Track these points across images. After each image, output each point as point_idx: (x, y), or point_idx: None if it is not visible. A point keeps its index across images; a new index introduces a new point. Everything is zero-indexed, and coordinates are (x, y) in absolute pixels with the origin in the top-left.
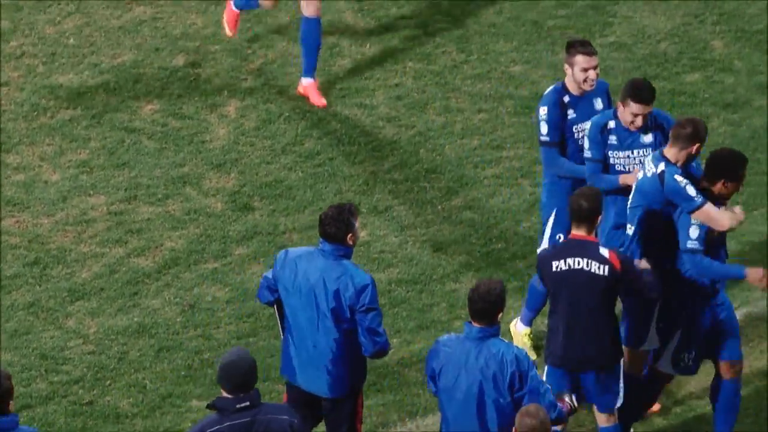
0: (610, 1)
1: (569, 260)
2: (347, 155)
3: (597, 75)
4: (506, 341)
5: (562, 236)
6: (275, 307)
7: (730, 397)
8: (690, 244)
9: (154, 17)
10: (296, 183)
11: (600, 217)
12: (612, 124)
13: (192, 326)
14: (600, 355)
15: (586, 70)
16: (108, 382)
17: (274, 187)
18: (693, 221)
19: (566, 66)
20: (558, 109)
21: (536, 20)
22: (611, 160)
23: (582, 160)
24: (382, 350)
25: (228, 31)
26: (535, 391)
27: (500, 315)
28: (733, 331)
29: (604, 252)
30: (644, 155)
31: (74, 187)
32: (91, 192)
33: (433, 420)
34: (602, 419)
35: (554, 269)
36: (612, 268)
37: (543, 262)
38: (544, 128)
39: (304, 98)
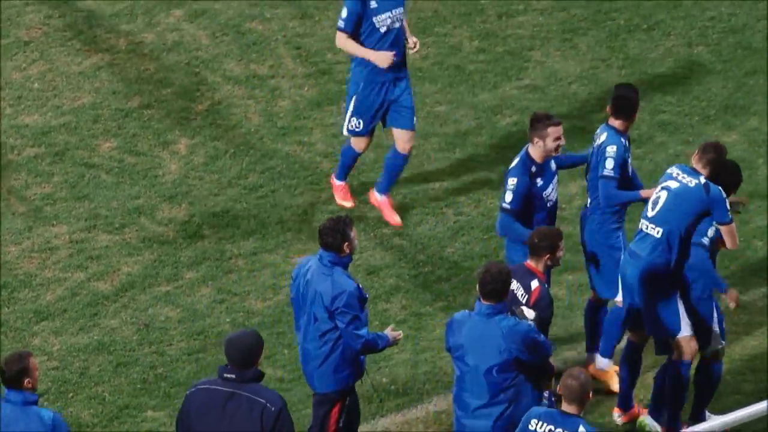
0: (525, 47)
1: (514, 283)
2: (288, 188)
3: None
4: (511, 316)
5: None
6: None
7: (714, 378)
8: (705, 240)
9: (111, 63)
10: (241, 213)
11: (547, 254)
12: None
13: (147, 343)
14: None
15: (557, 138)
16: (71, 394)
17: (221, 216)
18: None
19: (536, 139)
20: (527, 180)
21: (458, 64)
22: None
23: (541, 222)
24: (367, 348)
25: (347, 204)
26: (543, 351)
27: (506, 294)
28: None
29: (534, 284)
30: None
31: (39, 218)
32: (54, 222)
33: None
34: None
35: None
36: (529, 300)
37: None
38: (509, 197)
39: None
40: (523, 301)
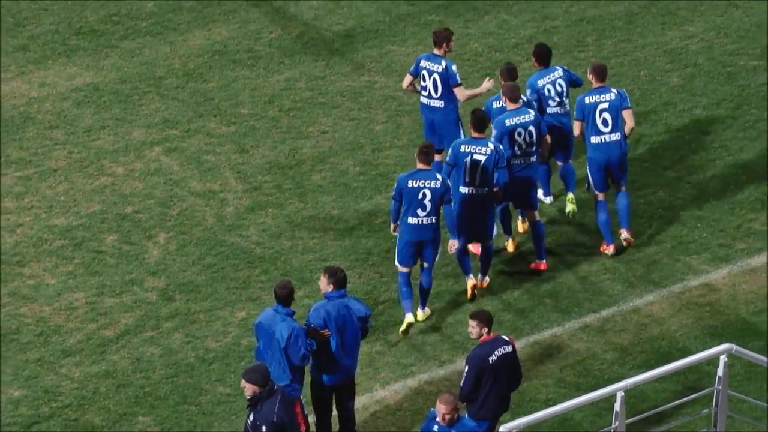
0: None
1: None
2: (233, 266)
3: None
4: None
5: None
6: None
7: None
8: None
9: (112, 183)
10: (201, 283)
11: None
12: None
13: (138, 371)
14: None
15: None
16: (86, 406)
17: (188, 285)
18: None
19: None
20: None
21: None
22: None
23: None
24: (304, 359)
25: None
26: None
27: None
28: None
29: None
30: None
31: (65, 287)
32: (75, 290)
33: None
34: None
35: None
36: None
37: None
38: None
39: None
40: None
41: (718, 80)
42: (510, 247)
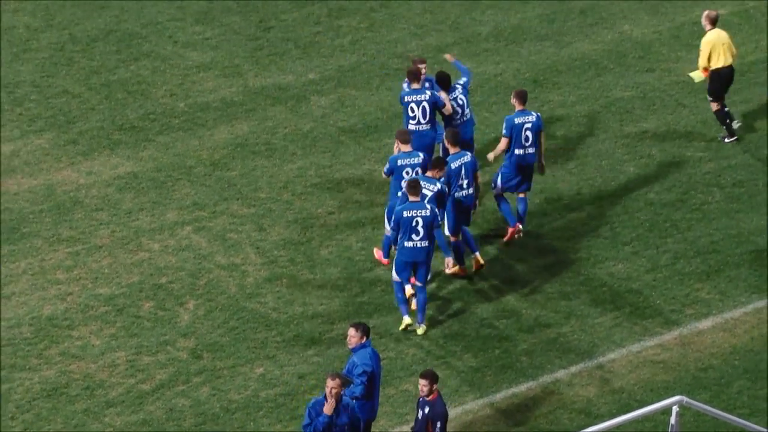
0: None
1: None
2: (252, 329)
3: None
4: None
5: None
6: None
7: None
8: None
9: (149, 258)
10: (225, 344)
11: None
12: None
13: (173, 419)
14: None
15: None
16: None
17: (214, 345)
18: None
19: None
20: None
21: None
22: None
23: None
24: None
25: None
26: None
27: None
28: None
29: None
30: None
31: (108, 348)
32: (117, 350)
33: None
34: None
35: None
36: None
37: None
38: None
39: None
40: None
41: (668, 169)
42: (449, 266)
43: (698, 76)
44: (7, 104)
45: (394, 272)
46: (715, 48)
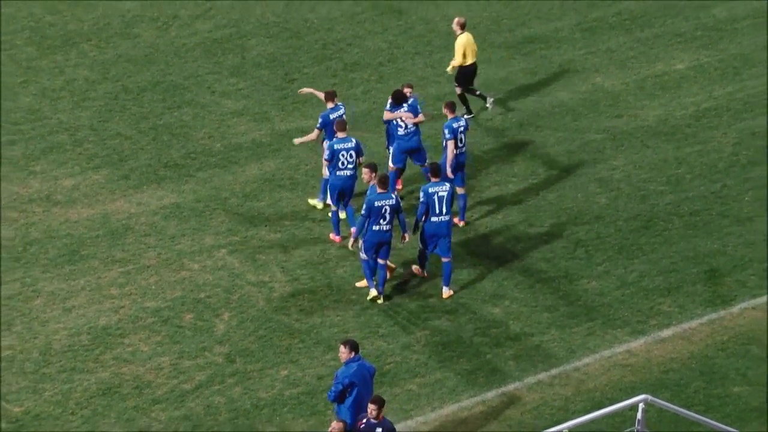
0: None
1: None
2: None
3: None
4: None
5: None
6: None
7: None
8: None
9: (191, 277)
10: (256, 350)
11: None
12: None
13: None
14: None
15: None
16: None
17: (246, 351)
18: None
19: None
20: None
21: None
22: None
23: None
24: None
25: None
26: None
27: None
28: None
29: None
30: None
31: (154, 353)
32: (162, 355)
33: None
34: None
35: None
36: None
37: None
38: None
39: None
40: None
41: (634, 200)
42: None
43: (452, 69)
44: (68, 145)
45: (362, 252)
46: (467, 49)
